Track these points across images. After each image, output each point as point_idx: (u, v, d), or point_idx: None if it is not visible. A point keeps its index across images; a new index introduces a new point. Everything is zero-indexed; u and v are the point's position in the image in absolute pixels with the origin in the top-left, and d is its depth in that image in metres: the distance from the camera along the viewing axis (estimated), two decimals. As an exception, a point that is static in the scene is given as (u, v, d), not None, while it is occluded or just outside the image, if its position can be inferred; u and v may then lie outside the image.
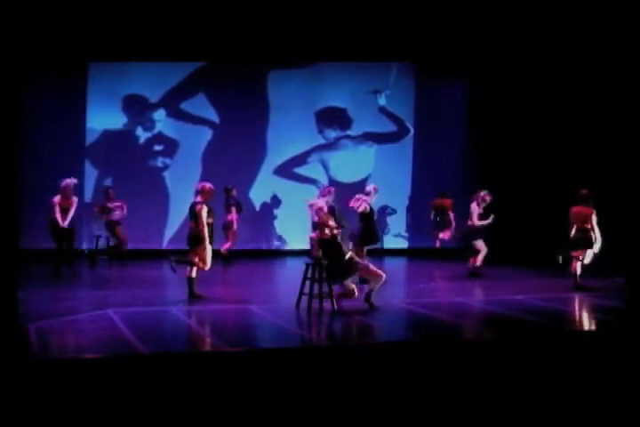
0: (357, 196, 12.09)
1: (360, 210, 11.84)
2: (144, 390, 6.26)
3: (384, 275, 9.76)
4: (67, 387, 6.24)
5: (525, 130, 15.51)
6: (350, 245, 12.35)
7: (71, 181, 12.42)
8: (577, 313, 10.39)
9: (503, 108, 15.94)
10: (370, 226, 12.08)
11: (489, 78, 16.22)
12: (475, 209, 12.75)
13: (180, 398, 6.05)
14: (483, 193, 12.79)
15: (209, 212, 10.36)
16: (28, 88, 12.43)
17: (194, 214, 10.37)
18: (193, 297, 10.31)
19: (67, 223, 12.23)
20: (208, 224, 10.31)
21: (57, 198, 12.27)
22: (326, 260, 9.60)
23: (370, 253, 12.45)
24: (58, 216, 12.20)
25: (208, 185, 10.61)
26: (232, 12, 13.20)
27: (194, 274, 10.39)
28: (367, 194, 12.30)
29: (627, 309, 9.61)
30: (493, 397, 6.30)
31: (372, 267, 9.80)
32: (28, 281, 10.42)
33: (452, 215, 15.24)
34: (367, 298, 9.75)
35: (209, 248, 10.36)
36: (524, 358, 7.40)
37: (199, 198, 10.46)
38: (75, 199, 12.46)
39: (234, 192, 14.45)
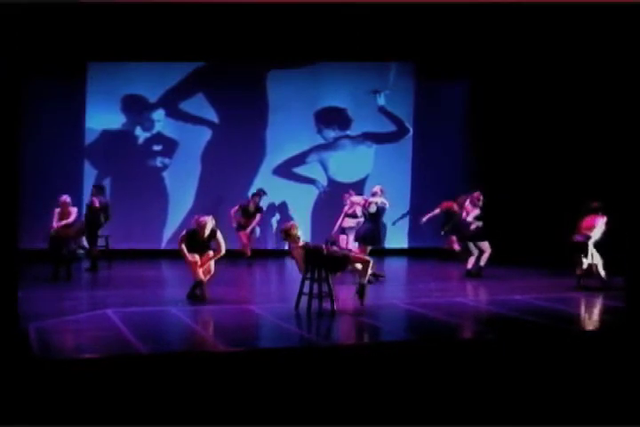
0: (361, 198, 12.30)
1: (372, 211, 12.05)
2: (144, 390, 6.25)
3: (371, 260, 9.86)
4: (66, 387, 6.24)
5: (526, 130, 15.51)
6: (355, 244, 12.42)
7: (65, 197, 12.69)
8: (577, 313, 10.38)
9: (503, 108, 15.94)
10: (377, 227, 12.17)
11: (489, 78, 16.22)
12: (472, 209, 12.82)
13: (180, 399, 6.05)
14: (477, 193, 12.93)
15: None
16: (27, 88, 12.38)
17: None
18: (192, 297, 10.30)
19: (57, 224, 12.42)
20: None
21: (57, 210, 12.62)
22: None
23: (370, 253, 12.47)
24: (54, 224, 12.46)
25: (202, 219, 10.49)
26: (231, 12, 13.18)
27: (206, 278, 10.43)
28: (373, 195, 12.39)
29: (627, 309, 9.61)
30: (493, 397, 6.30)
31: (355, 254, 9.87)
32: (28, 281, 10.42)
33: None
34: (361, 291, 9.72)
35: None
36: (524, 359, 7.40)
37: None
38: (73, 210, 12.71)
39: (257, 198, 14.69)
